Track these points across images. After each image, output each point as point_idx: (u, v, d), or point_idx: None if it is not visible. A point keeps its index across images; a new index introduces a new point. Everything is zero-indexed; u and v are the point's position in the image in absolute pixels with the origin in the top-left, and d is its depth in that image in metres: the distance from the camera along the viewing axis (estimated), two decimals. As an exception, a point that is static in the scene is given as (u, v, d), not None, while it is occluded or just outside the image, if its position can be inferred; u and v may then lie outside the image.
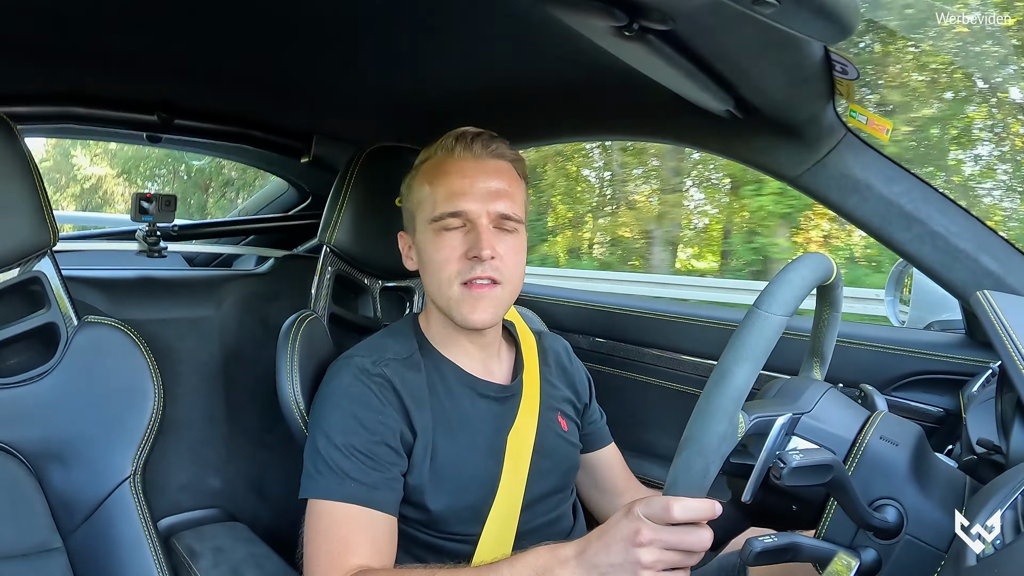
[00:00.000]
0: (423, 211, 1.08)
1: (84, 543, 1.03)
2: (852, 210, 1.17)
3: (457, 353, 1.12)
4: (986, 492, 0.70)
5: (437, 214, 1.05)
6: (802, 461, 0.74)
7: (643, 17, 0.83)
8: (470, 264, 1.04)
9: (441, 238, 1.06)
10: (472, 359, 1.13)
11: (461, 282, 1.04)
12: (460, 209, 1.04)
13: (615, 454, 1.32)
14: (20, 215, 1.02)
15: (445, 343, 1.13)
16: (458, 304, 1.05)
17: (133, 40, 1.28)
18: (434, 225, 1.06)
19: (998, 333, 0.84)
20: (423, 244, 1.09)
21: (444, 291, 1.06)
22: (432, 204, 1.06)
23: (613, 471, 1.30)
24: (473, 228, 1.05)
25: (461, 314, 1.05)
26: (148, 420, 1.06)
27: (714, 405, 0.73)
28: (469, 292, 1.04)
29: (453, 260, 1.05)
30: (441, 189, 1.06)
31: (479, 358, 1.14)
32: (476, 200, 1.05)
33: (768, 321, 0.74)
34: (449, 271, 1.05)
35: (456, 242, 1.05)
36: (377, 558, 0.95)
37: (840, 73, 1.00)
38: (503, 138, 1.11)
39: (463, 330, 1.11)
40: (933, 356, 1.25)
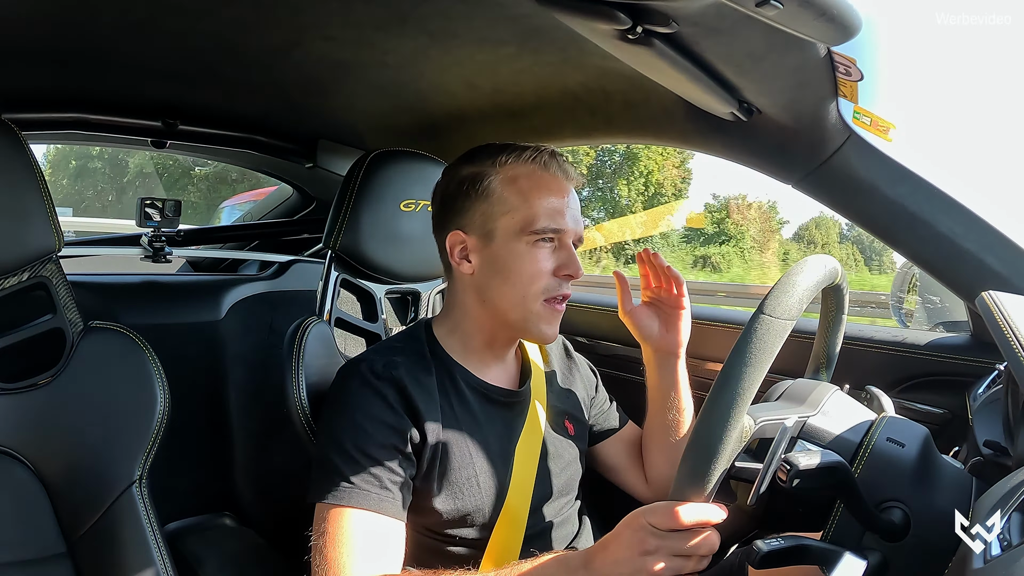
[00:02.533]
0: (513, 219, 1.05)
1: (90, 548, 1.03)
2: (857, 212, 1.17)
3: (472, 360, 1.12)
4: (993, 494, 0.70)
5: (539, 227, 1.04)
6: (808, 463, 0.74)
7: (646, 21, 0.83)
8: (558, 282, 1.06)
9: (535, 251, 1.05)
10: (487, 366, 1.13)
11: (546, 298, 1.05)
12: (562, 228, 1.05)
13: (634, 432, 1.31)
14: (25, 221, 1.03)
15: (462, 349, 1.12)
16: (538, 319, 1.06)
17: (138, 46, 1.28)
18: (530, 237, 1.05)
19: (1004, 334, 0.83)
20: (507, 253, 1.06)
21: (527, 304, 1.05)
22: (530, 216, 1.05)
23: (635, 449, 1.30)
24: (562, 247, 1.06)
25: (539, 329, 1.07)
26: (154, 425, 1.07)
27: (720, 408, 0.73)
28: (552, 309, 1.06)
29: (544, 275, 1.05)
30: (542, 203, 1.05)
31: (494, 365, 1.14)
32: (570, 221, 1.07)
33: (773, 324, 0.74)
34: (538, 286, 1.05)
35: (547, 257, 1.06)
36: (385, 563, 0.95)
37: (843, 75, 1.00)
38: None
39: (502, 340, 1.13)
40: (939, 357, 1.25)
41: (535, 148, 1.09)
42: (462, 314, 1.12)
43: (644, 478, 1.27)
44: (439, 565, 1.02)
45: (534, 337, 1.09)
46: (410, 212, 1.32)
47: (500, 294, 1.07)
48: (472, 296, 1.10)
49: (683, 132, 1.33)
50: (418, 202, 1.32)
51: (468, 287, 1.10)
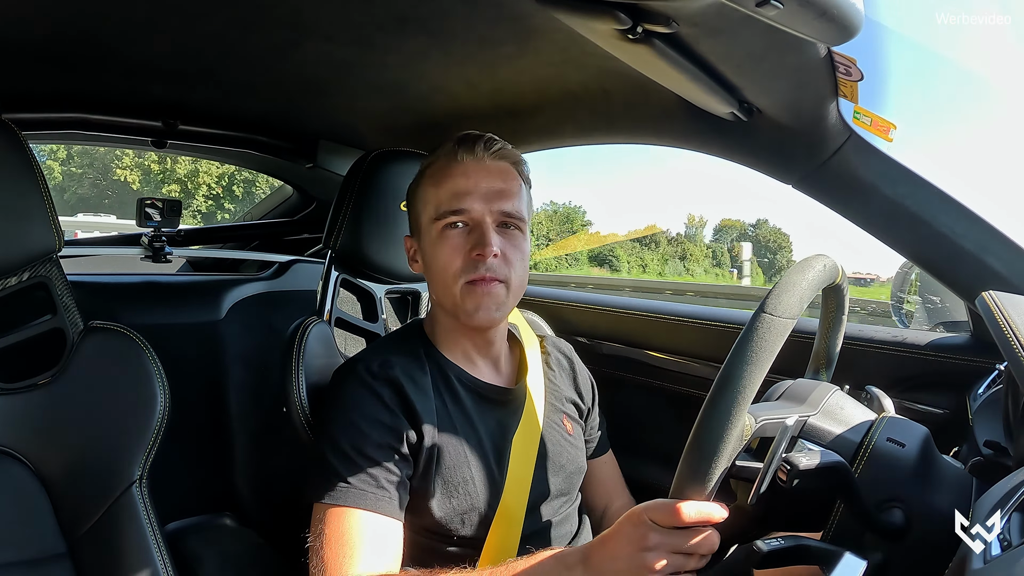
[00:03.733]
0: (427, 212, 1.09)
1: (90, 548, 1.03)
2: (857, 212, 1.17)
3: (461, 357, 1.13)
4: (993, 494, 0.70)
5: (441, 212, 1.06)
6: (809, 463, 0.74)
7: (647, 20, 0.83)
8: (474, 263, 1.04)
9: (445, 237, 1.06)
10: (476, 362, 1.14)
11: (465, 281, 1.05)
12: (463, 207, 1.05)
13: (610, 465, 1.33)
14: (25, 221, 1.03)
15: (450, 347, 1.13)
16: (462, 302, 1.05)
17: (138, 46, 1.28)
18: (438, 224, 1.06)
19: (1004, 334, 0.83)
20: (427, 245, 1.09)
21: (449, 289, 1.06)
22: (436, 204, 1.07)
23: (605, 485, 1.31)
24: (476, 227, 1.06)
25: (466, 312, 1.06)
26: (154, 425, 1.06)
27: (720, 408, 0.73)
28: (473, 290, 1.05)
29: (457, 259, 1.05)
30: (444, 189, 1.07)
31: (483, 361, 1.14)
32: (479, 199, 1.06)
33: (774, 324, 0.74)
34: (453, 269, 1.05)
35: (460, 241, 1.06)
36: (383, 562, 0.95)
37: (844, 75, 1.00)
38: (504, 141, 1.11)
39: (468, 332, 1.11)
40: (939, 357, 1.24)
41: (451, 139, 1.10)
42: (434, 313, 1.16)
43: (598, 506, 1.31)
44: (436, 564, 1.02)
45: (465, 321, 1.07)
46: None
47: (432, 285, 1.10)
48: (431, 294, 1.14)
49: (683, 132, 1.33)
50: None
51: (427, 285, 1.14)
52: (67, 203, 22.04)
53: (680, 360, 1.61)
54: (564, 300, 1.87)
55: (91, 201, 22.87)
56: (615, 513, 1.28)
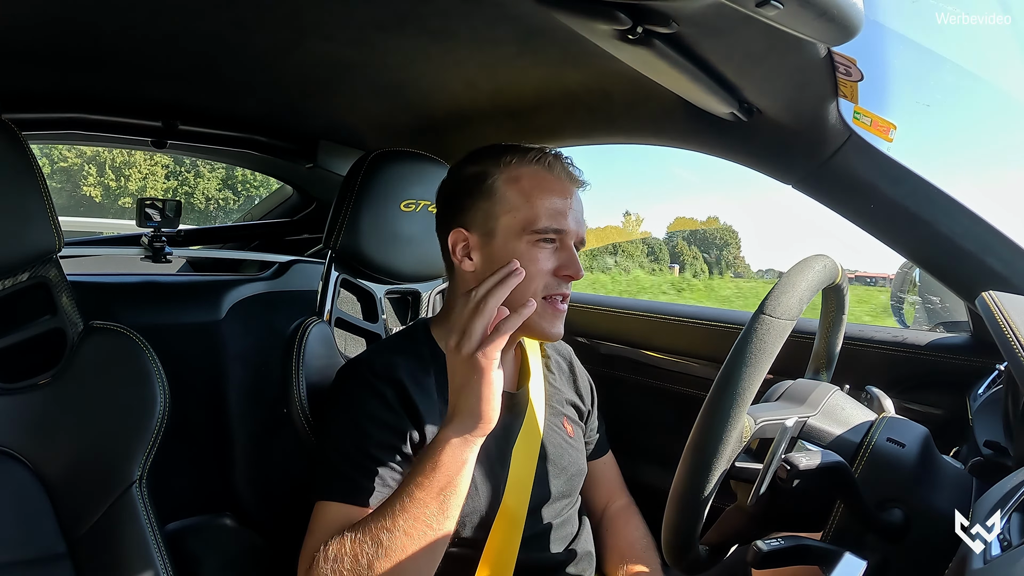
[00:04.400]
0: (514, 218, 1.06)
1: (90, 548, 1.03)
2: (857, 212, 1.17)
3: None
4: (993, 494, 0.70)
5: (541, 227, 1.05)
6: (809, 464, 0.74)
7: (647, 21, 0.83)
8: (558, 281, 1.06)
9: (536, 250, 1.05)
10: None
11: (544, 296, 1.05)
12: (563, 228, 1.06)
13: (609, 466, 1.34)
14: (26, 221, 1.03)
15: None
16: (539, 317, 1.05)
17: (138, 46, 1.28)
18: (531, 236, 1.05)
19: (1004, 334, 0.83)
20: (508, 251, 1.06)
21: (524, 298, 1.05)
22: (532, 215, 1.05)
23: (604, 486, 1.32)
24: (566, 249, 1.07)
25: (541, 327, 1.06)
26: (154, 425, 1.06)
27: (720, 409, 0.73)
28: (553, 307, 1.06)
29: (544, 274, 1.05)
30: (545, 203, 1.06)
31: None
32: (573, 223, 1.07)
33: (773, 325, 0.74)
34: (537, 283, 1.05)
35: (549, 257, 1.06)
36: None
37: (844, 75, 1.00)
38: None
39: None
40: (939, 357, 1.24)
41: (539, 150, 1.09)
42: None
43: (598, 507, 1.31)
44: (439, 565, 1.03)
45: (538, 335, 1.09)
46: (410, 212, 1.32)
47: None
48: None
49: (683, 132, 1.33)
50: (418, 202, 1.32)
51: (469, 285, 1.09)
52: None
53: (680, 360, 1.61)
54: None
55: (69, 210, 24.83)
56: (615, 513, 1.28)
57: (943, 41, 1.06)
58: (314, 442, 1.10)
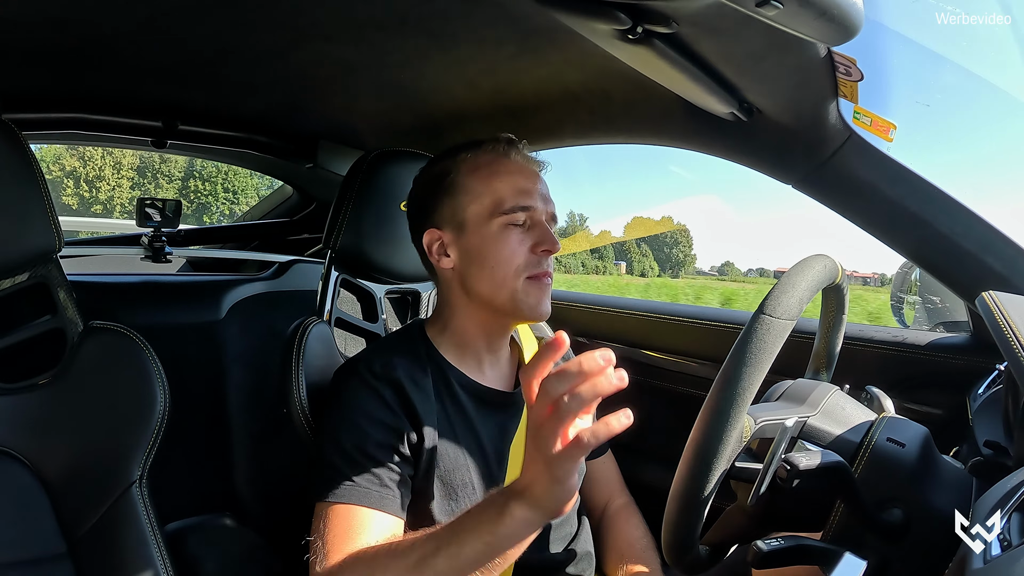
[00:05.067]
0: (481, 205, 1.08)
1: (90, 548, 1.03)
2: (857, 212, 1.17)
3: (463, 360, 1.12)
4: (993, 494, 0.70)
5: (508, 207, 1.06)
6: (808, 464, 0.74)
7: (647, 21, 0.83)
8: (538, 259, 1.07)
9: (507, 233, 1.06)
10: (479, 366, 1.13)
11: (527, 275, 1.06)
12: (530, 205, 1.07)
13: (608, 465, 1.33)
14: (26, 221, 1.03)
15: (456, 348, 1.12)
16: (525, 296, 1.06)
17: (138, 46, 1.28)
18: (500, 219, 1.06)
19: (1004, 334, 0.83)
20: (481, 239, 1.07)
21: (508, 284, 1.06)
22: (497, 197, 1.07)
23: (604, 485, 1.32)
24: (537, 226, 1.08)
25: (528, 306, 1.07)
26: (154, 425, 1.06)
27: (720, 409, 0.73)
28: (537, 284, 1.07)
29: (521, 254, 1.06)
30: (507, 185, 1.07)
31: (487, 365, 1.14)
32: (539, 200, 1.08)
33: (773, 325, 0.74)
34: (517, 264, 1.06)
35: (522, 237, 1.07)
36: None
37: (844, 75, 1.00)
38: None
39: (493, 331, 1.13)
40: (939, 357, 1.24)
41: (493, 139, 1.11)
42: (451, 311, 1.13)
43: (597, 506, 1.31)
44: None
45: (526, 315, 1.08)
46: None
47: (481, 280, 1.08)
48: (457, 290, 1.11)
49: (683, 132, 1.33)
50: None
51: (452, 282, 1.12)
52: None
53: (680, 360, 1.61)
54: (564, 300, 1.87)
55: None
56: (615, 512, 1.28)
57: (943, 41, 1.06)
58: (313, 442, 1.10)
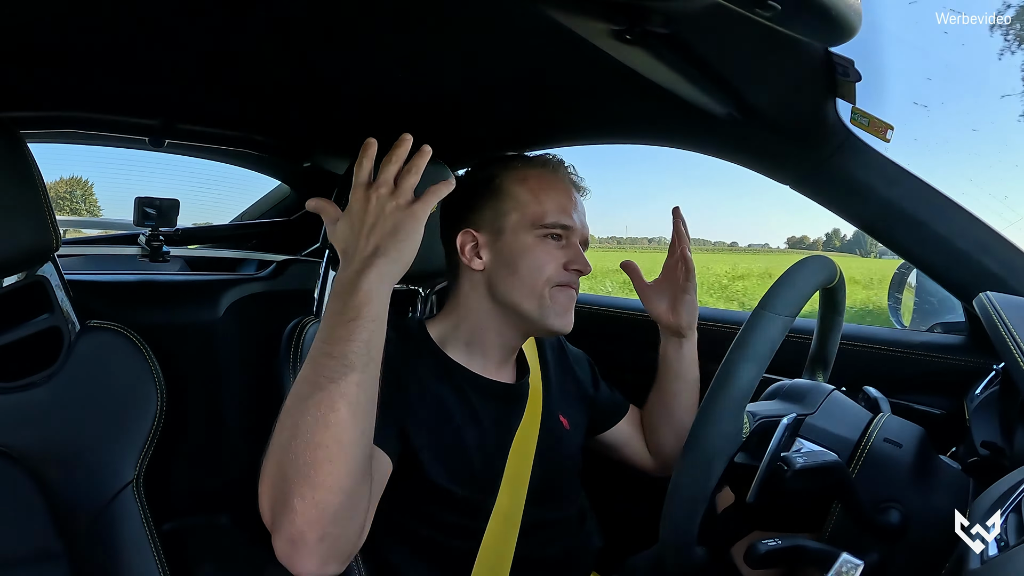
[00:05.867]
0: (523, 214, 1.11)
1: (86, 548, 1.02)
2: (854, 212, 1.17)
3: (469, 358, 1.13)
4: (990, 494, 0.70)
5: (549, 222, 1.10)
6: (806, 463, 0.74)
7: (644, 20, 0.83)
8: (568, 275, 1.10)
9: (544, 244, 1.10)
10: (486, 361, 1.14)
11: (554, 286, 1.09)
12: (570, 224, 1.11)
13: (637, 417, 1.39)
14: (23, 220, 1.02)
15: (460, 348, 1.13)
16: (551, 306, 1.09)
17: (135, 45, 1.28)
18: (539, 231, 1.10)
19: (1001, 335, 0.83)
20: (517, 246, 1.10)
21: (537, 292, 1.09)
22: (540, 211, 1.11)
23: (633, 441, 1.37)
24: (573, 245, 1.12)
25: (552, 318, 1.10)
26: (151, 424, 1.06)
27: (718, 405, 0.73)
28: (566, 292, 1.11)
29: (552, 266, 1.09)
30: (552, 202, 1.11)
31: (493, 361, 1.14)
32: (578, 221, 1.13)
33: (773, 321, 0.74)
34: (547, 274, 1.09)
35: (556, 251, 1.11)
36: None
37: (841, 75, 1.00)
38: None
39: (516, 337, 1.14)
40: (936, 358, 1.25)
41: (544, 154, 1.17)
42: (467, 311, 1.13)
43: (648, 452, 1.35)
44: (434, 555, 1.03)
45: (548, 327, 1.10)
46: None
47: (511, 286, 1.09)
48: (481, 293, 1.12)
49: (681, 132, 1.34)
50: None
51: (478, 284, 1.12)
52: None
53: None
54: None
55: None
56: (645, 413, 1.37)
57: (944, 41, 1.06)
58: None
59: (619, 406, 1.36)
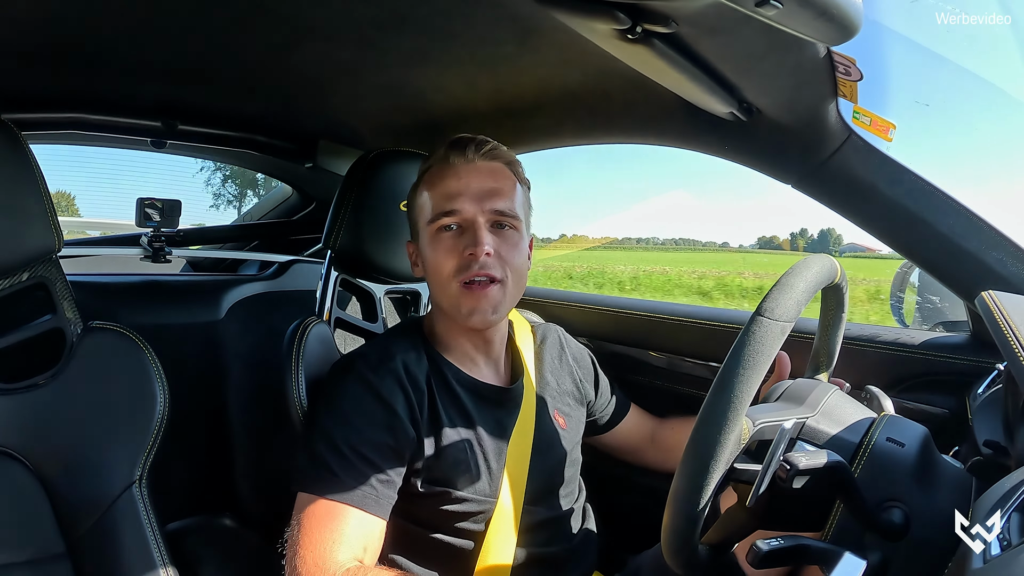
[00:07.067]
0: (423, 216, 1.11)
1: (90, 548, 1.03)
2: (856, 211, 1.17)
3: (461, 356, 1.13)
4: (992, 493, 0.70)
5: (434, 214, 1.07)
6: (808, 464, 0.74)
7: (646, 20, 0.83)
8: (467, 262, 1.05)
9: (439, 239, 1.08)
10: (476, 362, 1.14)
11: (460, 281, 1.05)
12: (455, 208, 1.06)
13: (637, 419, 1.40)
14: (26, 221, 1.03)
15: (449, 346, 1.13)
16: (457, 303, 1.06)
17: (138, 46, 1.28)
18: (432, 227, 1.08)
19: (1003, 334, 0.83)
20: (424, 248, 1.11)
21: (445, 291, 1.07)
22: (429, 208, 1.09)
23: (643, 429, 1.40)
24: (469, 228, 1.07)
25: (462, 315, 1.07)
26: (154, 425, 1.06)
27: (718, 412, 0.73)
28: (469, 291, 1.06)
29: (451, 260, 1.06)
30: (437, 192, 1.08)
31: (483, 361, 1.15)
32: (471, 200, 1.06)
33: (771, 327, 0.74)
34: (448, 270, 1.06)
35: (453, 242, 1.07)
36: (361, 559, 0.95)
37: (843, 75, 1.00)
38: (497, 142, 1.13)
39: (467, 333, 1.12)
40: (939, 357, 1.24)
41: (443, 144, 1.12)
42: (435, 315, 1.16)
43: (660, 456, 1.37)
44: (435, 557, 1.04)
45: (466, 323, 1.08)
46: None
47: (431, 287, 1.11)
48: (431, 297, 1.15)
49: (683, 132, 1.33)
50: None
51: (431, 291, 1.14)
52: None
53: (680, 360, 1.61)
54: (564, 300, 1.87)
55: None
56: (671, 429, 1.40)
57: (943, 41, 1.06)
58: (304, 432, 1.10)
59: (621, 407, 1.37)
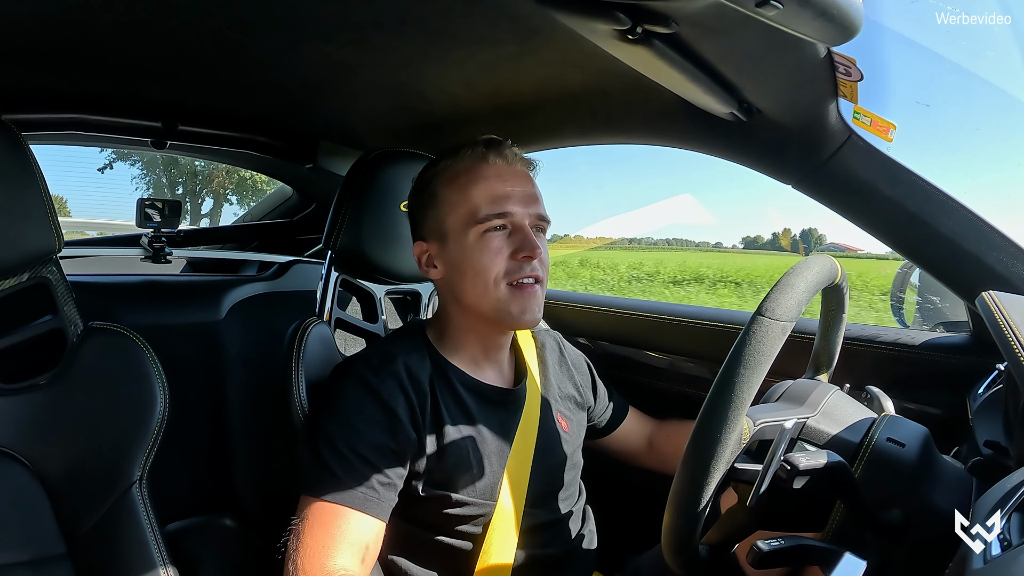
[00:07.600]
0: (458, 215, 1.07)
1: (90, 549, 1.02)
2: (857, 212, 1.17)
3: (464, 358, 1.13)
4: (993, 494, 0.70)
5: (482, 216, 1.05)
6: (808, 464, 0.74)
7: (647, 21, 0.83)
8: (519, 264, 1.05)
9: (486, 240, 1.06)
10: (478, 364, 1.14)
11: (509, 283, 1.05)
12: (507, 211, 1.06)
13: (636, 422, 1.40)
14: (26, 222, 1.03)
15: (455, 348, 1.13)
16: (507, 304, 1.05)
17: (138, 47, 1.28)
18: (477, 228, 1.06)
19: (1004, 334, 0.83)
20: (461, 249, 1.07)
21: (491, 293, 1.05)
22: (473, 208, 1.06)
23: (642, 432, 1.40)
24: (518, 231, 1.06)
25: (512, 315, 1.06)
26: (154, 425, 1.06)
27: (718, 412, 0.73)
28: (520, 292, 1.06)
29: (500, 261, 1.05)
30: (482, 193, 1.06)
31: (488, 364, 1.15)
32: (519, 203, 1.07)
33: (772, 327, 0.74)
34: (496, 272, 1.05)
35: (501, 244, 1.06)
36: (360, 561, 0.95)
37: (843, 75, 1.00)
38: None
39: (490, 335, 1.12)
40: (939, 357, 1.24)
41: (472, 143, 1.10)
42: (447, 318, 1.14)
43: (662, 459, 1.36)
44: (436, 559, 1.03)
45: (513, 324, 1.08)
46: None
47: (465, 290, 1.08)
48: (449, 299, 1.12)
49: (683, 132, 1.33)
50: None
51: (444, 292, 1.13)
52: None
53: (680, 360, 1.61)
54: (564, 300, 1.87)
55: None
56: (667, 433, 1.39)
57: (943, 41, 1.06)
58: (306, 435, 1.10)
59: (620, 411, 1.37)
